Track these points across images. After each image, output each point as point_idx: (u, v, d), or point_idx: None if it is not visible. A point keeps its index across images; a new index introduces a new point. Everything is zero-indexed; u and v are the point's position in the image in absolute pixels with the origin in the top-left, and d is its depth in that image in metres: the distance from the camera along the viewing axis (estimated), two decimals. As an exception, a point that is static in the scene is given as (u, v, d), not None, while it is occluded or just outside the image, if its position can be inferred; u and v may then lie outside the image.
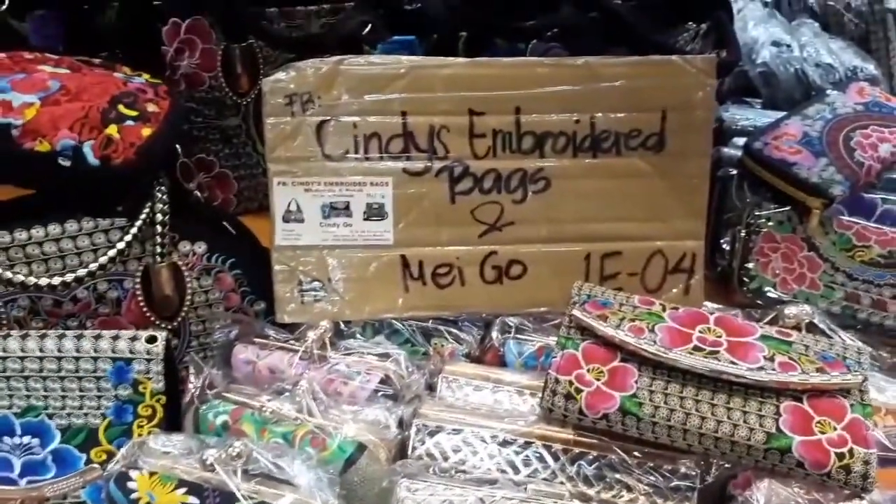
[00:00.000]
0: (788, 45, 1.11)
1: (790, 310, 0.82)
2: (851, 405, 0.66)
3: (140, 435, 0.70)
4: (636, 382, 0.68)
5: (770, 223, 0.90)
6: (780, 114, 0.99)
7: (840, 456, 0.63)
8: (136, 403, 0.71)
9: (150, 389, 0.71)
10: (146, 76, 0.84)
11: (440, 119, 0.81)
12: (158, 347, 0.71)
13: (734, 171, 0.95)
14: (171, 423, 0.73)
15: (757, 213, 0.91)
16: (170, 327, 0.80)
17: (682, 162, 0.83)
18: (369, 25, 0.93)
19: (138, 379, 0.71)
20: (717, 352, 0.68)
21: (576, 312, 0.72)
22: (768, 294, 0.89)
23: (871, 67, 1.10)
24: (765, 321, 0.82)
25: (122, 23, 0.94)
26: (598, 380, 0.68)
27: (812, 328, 0.82)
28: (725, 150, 0.98)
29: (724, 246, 0.95)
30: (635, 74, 0.81)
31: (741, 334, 0.71)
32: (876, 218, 0.90)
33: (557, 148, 0.82)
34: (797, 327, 0.81)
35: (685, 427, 0.66)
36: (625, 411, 0.67)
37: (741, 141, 0.95)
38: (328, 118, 0.80)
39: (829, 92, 1.01)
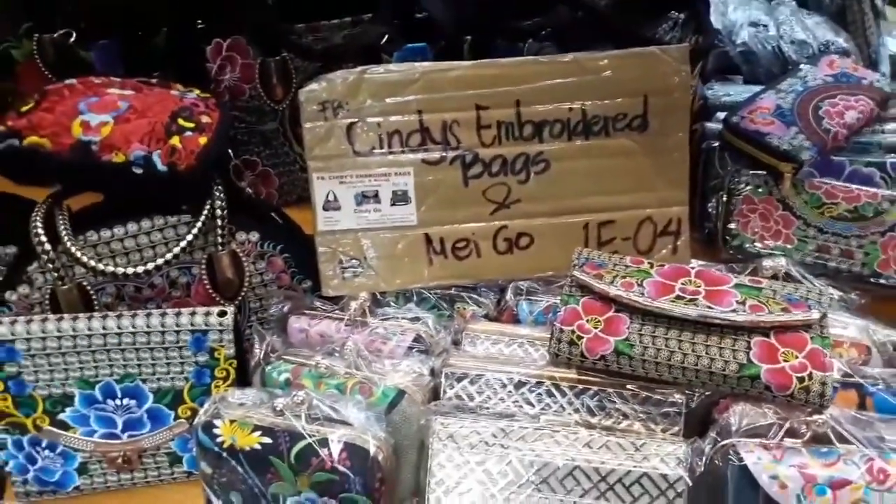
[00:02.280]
0: (765, 25, 1.18)
1: (767, 262, 0.92)
2: (812, 338, 0.75)
3: (218, 393, 0.81)
4: (628, 328, 0.77)
5: (748, 187, 0.99)
6: (760, 88, 1.08)
7: (801, 379, 0.72)
8: (213, 367, 0.82)
9: (224, 355, 0.82)
10: (197, 91, 0.94)
11: (451, 115, 0.89)
12: (229, 319, 0.81)
13: (716, 143, 1.04)
14: (241, 382, 0.84)
15: (737, 180, 1.00)
16: (232, 305, 0.88)
17: (664, 139, 0.91)
18: (386, 36, 1.02)
19: (213, 347, 0.81)
20: (696, 299, 0.77)
21: (576, 273, 0.82)
22: (748, 250, 0.99)
23: (841, 41, 1.17)
24: (745, 274, 0.91)
25: (172, 45, 1.05)
26: (595, 328, 0.78)
27: (788, 278, 0.92)
28: (709, 124, 1.07)
29: (710, 210, 1.04)
30: (619, 66, 0.89)
31: (717, 283, 0.79)
32: (844, 178, 0.99)
33: (554, 133, 0.90)
34: (775, 277, 0.91)
35: (670, 363, 0.75)
36: (619, 352, 0.76)
37: (723, 115, 1.05)
38: (356, 120, 0.89)
39: (801, 66, 1.10)
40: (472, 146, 0.91)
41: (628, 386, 0.78)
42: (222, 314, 0.81)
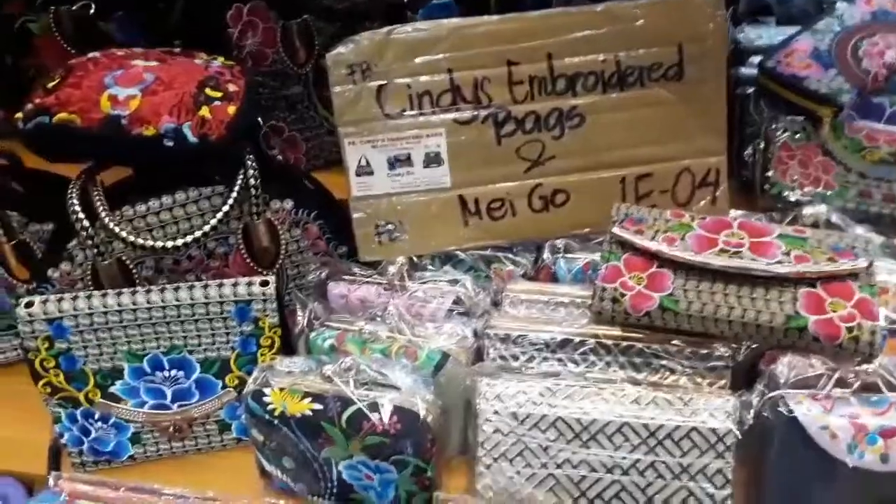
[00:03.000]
0: (797, -38, 1.15)
1: (807, 210, 0.91)
2: (860, 286, 0.74)
3: (264, 361, 0.83)
4: (672, 284, 0.76)
5: (786, 133, 0.97)
6: (794, 29, 1.03)
7: (850, 329, 0.71)
8: (258, 336, 0.83)
9: (268, 324, 0.82)
10: (221, 59, 0.92)
11: (482, 72, 0.87)
12: (271, 289, 0.80)
13: (751, 89, 1.02)
14: (286, 350, 0.84)
15: (774, 126, 0.98)
16: (271, 273, 0.88)
17: (700, 87, 0.89)
18: (410, -8, 0.99)
19: (258, 316, 0.81)
20: (741, 252, 0.76)
21: (615, 230, 0.81)
22: (788, 198, 0.97)
23: (878, -25, 1.12)
24: (785, 222, 0.90)
25: (191, 13, 1.03)
26: (638, 285, 0.77)
27: (829, 225, 0.90)
28: (743, 69, 1.04)
29: (747, 158, 1.02)
30: (652, 13, 0.86)
31: (761, 234, 0.78)
32: (885, 119, 0.95)
33: (588, 86, 0.88)
34: (815, 225, 0.90)
35: (716, 317, 0.74)
36: (664, 308, 0.75)
37: (757, 60, 1.01)
38: (385, 82, 0.87)
39: (838, 4, 1.04)
40: (505, 103, 0.89)
41: (674, 341, 0.78)
42: (265, 284, 0.81)
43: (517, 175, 0.91)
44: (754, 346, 0.78)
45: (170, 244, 0.86)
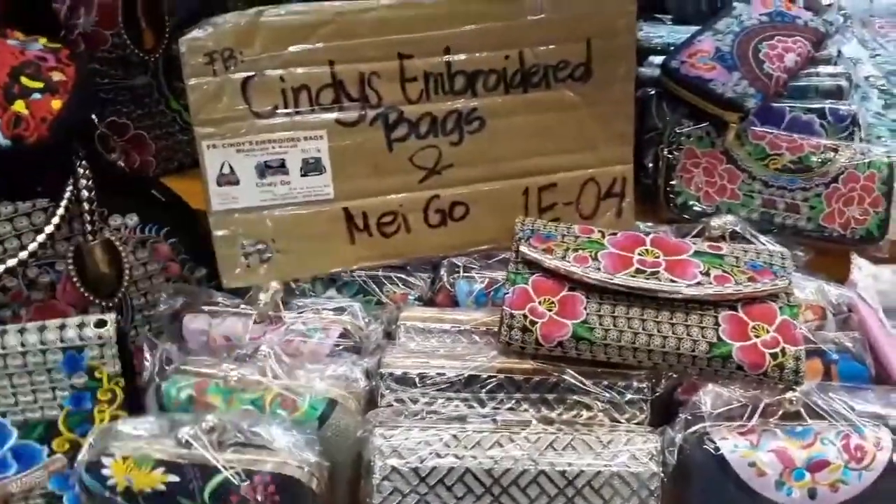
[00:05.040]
0: (691, -41, 1.12)
1: (715, 221, 0.88)
2: (780, 308, 0.71)
3: (102, 420, 0.70)
4: (585, 309, 0.71)
5: (690, 139, 0.93)
6: (692, 29, 1.01)
7: (774, 356, 0.69)
8: (94, 390, 0.70)
9: (107, 374, 0.70)
10: (42, 40, 0.79)
11: (370, 65, 0.79)
12: (109, 331, 0.69)
13: (652, 91, 0.96)
14: (132, 404, 0.72)
15: (678, 131, 0.93)
16: (110, 305, 0.79)
17: (608, 89, 0.84)
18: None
19: (93, 365, 0.69)
20: (657, 272, 0.72)
21: (523, 248, 0.75)
22: (694, 208, 0.93)
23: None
24: (692, 234, 0.87)
25: None
26: (549, 310, 0.71)
27: (735, 236, 0.87)
28: (642, 69, 0.99)
29: (648, 165, 0.96)
30: (560, 5, 0.81)
31: (677, 252, 0.75)
32: (785, 126, 0.95)
33: (489, 85, 0.82)
34: (722, 237, 0.87)
35: (635, 345, 0.70)
36: (578, 337, 0.70)
37: (657, 59, 0.97)
38: (252, 74, 0.78)
39: (735, 4, 1.02)
40: (396, 103, 0.81)
41: (588, 374, 0.72)
42: (101, 324, 0.70)
43: (411, 185, 0.84)
44: (674, 375, 0.74)
45: (-26, 274, 0.72)
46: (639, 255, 0.74)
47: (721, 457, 0.67)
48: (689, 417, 0.70)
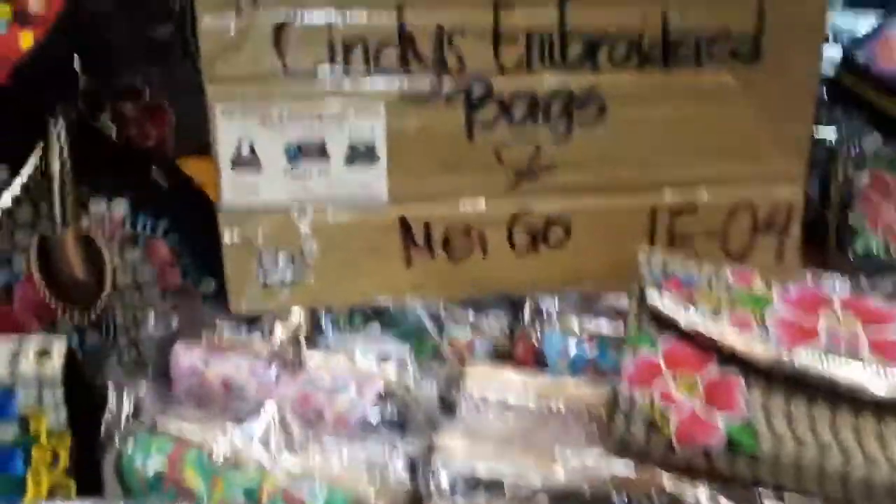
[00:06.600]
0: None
1: (914, 278, 0.73)
2: None
3: (38, 491, 0.55)
4: (745, 401, 0.53)
5: (878, 160, 0.80)
6: (877, 10, 0.88)
7: None
8: (27, 446, 0.56)
9: (46, 426, 0.55)
10: None
11: (452, 15, 0.67)
12: (54, 365, 0.55)
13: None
14: (84, 469, 0.58)
15: (860, 147, 0.80)
16: (86, 321, 0.69)
17: (783, 76, 0.71)
18: None
19: (26, 414, 0.55)
20: (857, 351, 0.54)
21: (652, 296, 0.57)
22: (879, 256, 0.79)
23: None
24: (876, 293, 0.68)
25: None
26: (691, 396, 0.53)
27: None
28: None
29: (811, 193, 0.82)
30: None
31: (881, 320, 0.57)
32: None
33: (616, 58, 0.69)
34: (920, 301, 0.71)
35: (822, 466, 0.51)
36: (734, 444, 0.51)
37: (839, 51, 0.85)
38: (289, 17, 0.66)
39: None
40: (484, 72, 0.69)
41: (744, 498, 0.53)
42: (42, 354, 0.56)
43: (494, 191, 0.72)
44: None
45: None
46: (826, 321, 0.56)
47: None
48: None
